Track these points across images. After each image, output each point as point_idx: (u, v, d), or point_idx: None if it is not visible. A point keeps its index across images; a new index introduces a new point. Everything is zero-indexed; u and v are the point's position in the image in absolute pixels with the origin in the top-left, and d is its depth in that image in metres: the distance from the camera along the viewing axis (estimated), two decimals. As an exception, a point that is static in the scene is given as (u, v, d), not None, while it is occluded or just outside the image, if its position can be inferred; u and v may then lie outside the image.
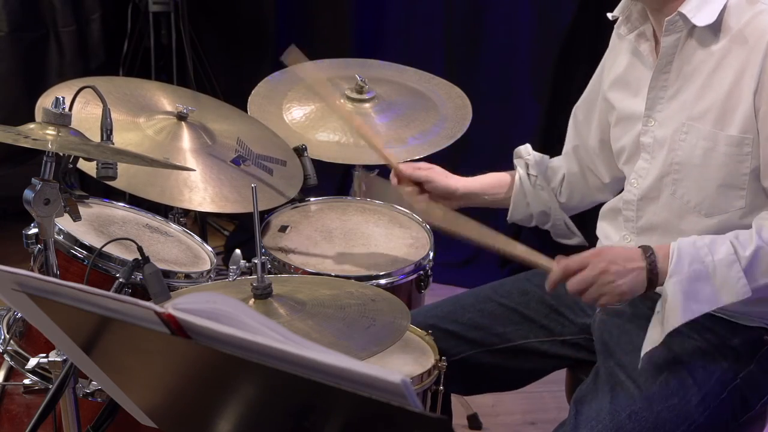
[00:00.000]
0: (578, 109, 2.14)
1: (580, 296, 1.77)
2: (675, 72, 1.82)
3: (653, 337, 1.76)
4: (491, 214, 2.27)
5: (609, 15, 1.94)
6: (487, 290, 2.11)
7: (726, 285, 1.70)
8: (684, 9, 1.76)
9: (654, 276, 1.73)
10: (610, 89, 1.99)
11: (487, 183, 2.20)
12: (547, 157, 2.20)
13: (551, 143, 2.23)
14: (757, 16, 1.73)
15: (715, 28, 1.76)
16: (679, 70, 1.81)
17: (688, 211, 1.82)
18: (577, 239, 2.19)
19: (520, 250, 1.88)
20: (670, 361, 1.80)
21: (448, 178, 2.16)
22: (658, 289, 1.75)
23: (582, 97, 2.13)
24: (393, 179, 2.18)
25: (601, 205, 2.10)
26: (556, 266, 1.79)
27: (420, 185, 2.15)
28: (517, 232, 3.69)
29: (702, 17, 1.75)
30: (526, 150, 2.18)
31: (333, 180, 3.63)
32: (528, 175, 2.16)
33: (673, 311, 1.71)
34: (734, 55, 1.74)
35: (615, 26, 1.96)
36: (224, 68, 3.95)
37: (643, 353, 1.77)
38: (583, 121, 2.12)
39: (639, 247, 1.77)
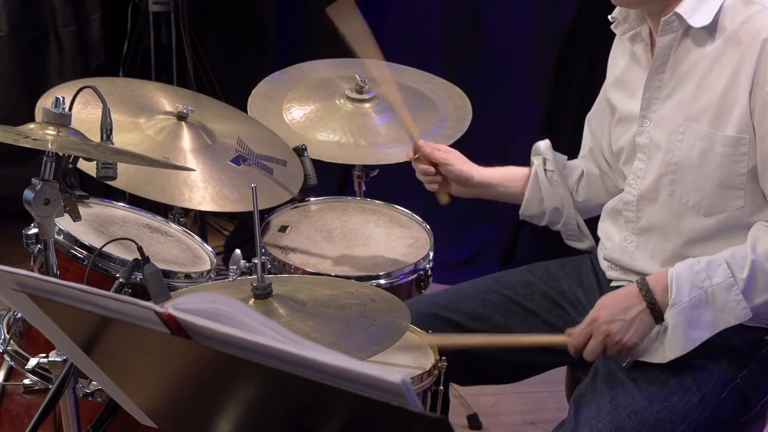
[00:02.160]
0: (592, 116, 2.13)
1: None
2: (669, 72, 1.82)
3: (653, 351, 1.78)
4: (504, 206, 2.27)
5: (610, 17, 1.94)
6: (489, 280, 2.10)
7: (726, 309, 1.72)
8: (680, 9, 1.76)
9: (657, 311, 1.75)
10: (611, 90, 2.00)
11: (504, 175, 2.19)
12: (565, 156, 2.18)
13: (551, 143, 2.23)
14: (752, 17, 1.73)
15: (711, 29, 1.76)
16: (673, 70, 1.81)
17: (687, 211, 1.82)
18: (588, 243, 2.17)
19: (529, 339, 1.93)
20: (670, 360, 1.80)
21: (467, 164, 2.15)
22: None
23: (596, 102, 2.13)
24: (410, 153, 2.17)
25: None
26: (568, 340, 1.83)
27: (436, 166, 2.14)
28: (516, 233, 3.70)
29: (698, 18, 1.75)
30: (545, 145, 2.16)
31: (333, 180, 3.63)
32: (545, 170, 2.14)
33: (676, 341, 1.74)
34: (729, 55, 1.74)
35: (612, 27, 1.96)
36: (224, 68, 3.95)
37: (636, 357, 1.79)
38: (596, 126, 2.12)
39: (636, 282, 1.77)
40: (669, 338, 1.74)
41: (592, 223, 2.12)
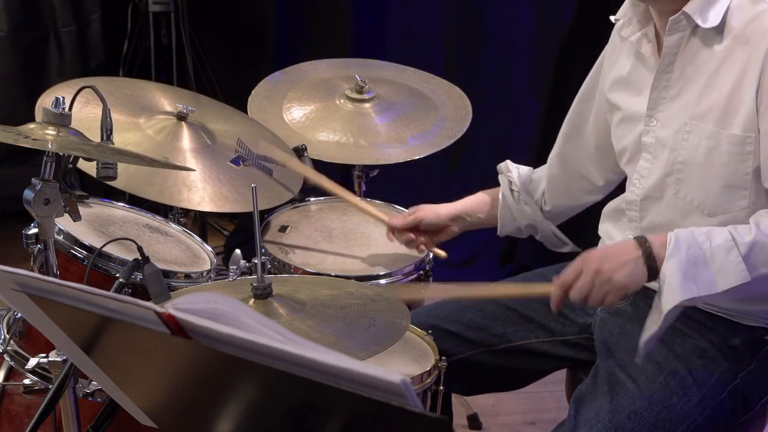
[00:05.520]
0: (572, 113, 2.14)
1: (587, 304, 1.76)
2: (677, 72, 1.82)
3: (651, 322, 1.73)
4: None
5: (612, 18, 1.94)
6: None
7: (724, 269, 1.68)
8: (688, 9, 1.76)
9: (653, 262, 1.71)
10: (611, 90, 1.99)
11: (476, 201, 2.22)
12: (530, 169, 2.20)
13: (551, 143, 2.23)
14: (759, 16, 1.73)
15: (719, 28, 1.75)
16: (681, 69, 1.81)
17: (691, 210, 1.82)
18: (569, 247, 2.20)
19: (514, 288, 1.94)
20: (670, 360, 1.80)
21: (437, 209, 2.20)
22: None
23: (576, 99, 2.13)
24: (389, 235, 2.23)
25: (601, 205, 2.10)
26: (553, 287, 1.79)
27: (415, 229, 2.18)
28: (512, 243, 3.71)
29: (707, 18, 1.74)
30: (506, 166, 2.20)
31: (333, 180, 3.62)
32: (511, 190, 2.17)
33: (671, 290, 1.68)
34: (736, 55, 1.74)
35: (615, 29, 1.96)
36: (224, 68, 3.95)
37: (642, 340, 1.73)
38: (577, 125, 2.12)
39: (634, 237, 1.75)
40: (665, 288, 1.69)
41: (592, 223, 2.12)
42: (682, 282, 1.67)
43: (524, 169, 2.20)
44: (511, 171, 2.19)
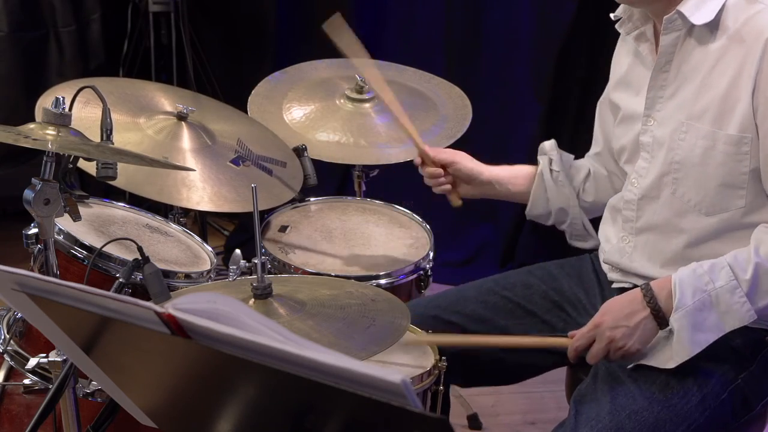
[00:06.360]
0: (601, 119, 2.13)
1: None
2: (674, 71, 1.82)
3: (660, 359, 1.77)
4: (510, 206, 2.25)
5: (612, 15, 1.94)
6: (490, 282, 2.10)
7: (730, 311, 1.72)
8: (682, 8, 1.77)
9: (661, 317, 1.75)
10: (614, 90, 2.00)
11: (511, 173, 2.20)
12: (572, 156, 2.19)
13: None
14: (755, 16, 1.74)
15: (713, 27, 1.76)
16: (678, 69, 1.82)
17: (689, 210, 1.82)
18: (593, 242, 2.17)
19: (531, 340, 1.94)
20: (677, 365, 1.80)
21: (474, 161, 2.17)
22: None
23: (600, 101, 2.13)
24: (417, 159, 2.18)
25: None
26: (570, 343, 1.83)
27: (444, 168, 2.15)
28: (516, 232, 3.70)
29: (700, 16, 1.76)
30: (551, 146, 2.17)
31: (333, 180, 3.62)
32: (551, 170, 2.15)
33: (681, 345, 1.74)
34: (732, 54, 1.74)
35: (616, 26, 1.96)
36: (224, 68, 3.95)
37: (640, 362, 1.79)
38: (605, 124, 2.12)
39: (640, 288, 1.77)
40: (675, 342, 1.74)
41: (596, 223, 2.12)
42: (691, 335, 1.73)
43: (566, 154, 2.18)
44: (554, 151, 2.16)
